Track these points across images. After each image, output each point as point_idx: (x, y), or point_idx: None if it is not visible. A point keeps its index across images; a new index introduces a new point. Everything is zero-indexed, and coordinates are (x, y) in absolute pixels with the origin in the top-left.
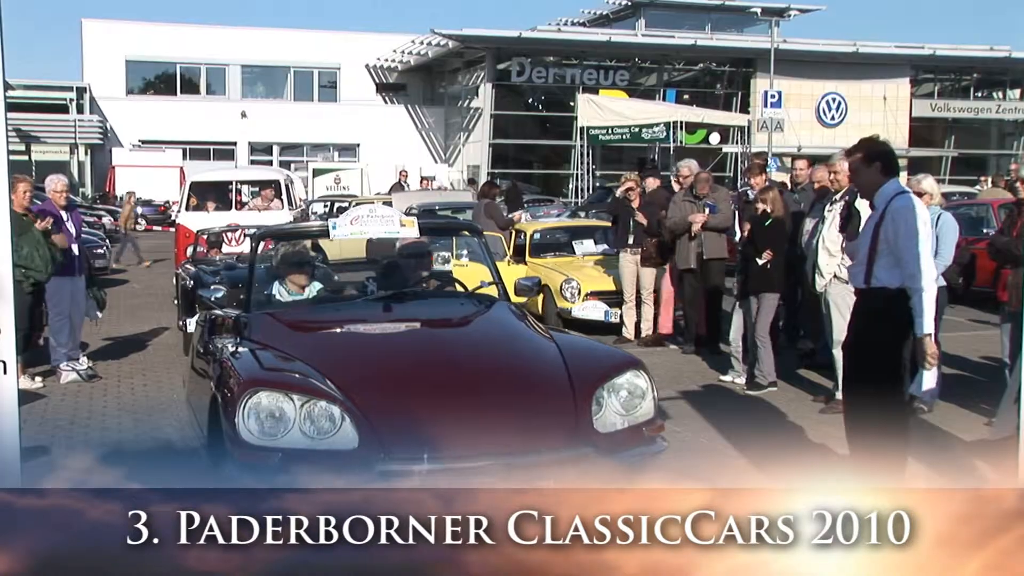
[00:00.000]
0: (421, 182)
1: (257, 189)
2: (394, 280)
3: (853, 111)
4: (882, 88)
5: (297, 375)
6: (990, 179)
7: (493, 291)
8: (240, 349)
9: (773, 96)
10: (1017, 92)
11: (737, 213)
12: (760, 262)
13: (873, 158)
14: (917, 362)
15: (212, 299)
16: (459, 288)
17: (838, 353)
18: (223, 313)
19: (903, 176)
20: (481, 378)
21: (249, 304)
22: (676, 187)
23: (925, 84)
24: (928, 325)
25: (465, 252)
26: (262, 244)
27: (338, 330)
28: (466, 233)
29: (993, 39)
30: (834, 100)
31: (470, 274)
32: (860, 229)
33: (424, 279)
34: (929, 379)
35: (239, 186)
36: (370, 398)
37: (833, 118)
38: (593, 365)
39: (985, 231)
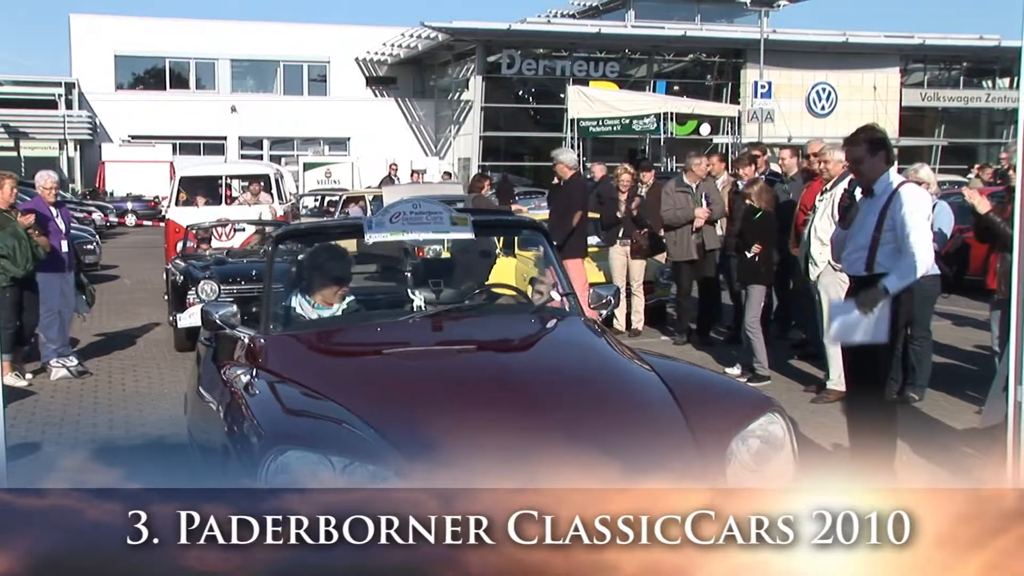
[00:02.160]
0: (412, 175)
1: (247, 184)
2: (441, 289)
3: (843, 101)
4: (872, 78)
5: (334, 424)
6: (978, 169)
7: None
8: (257, 384)
9: (763, 86)
10: (1006, 81)
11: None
12: (748, 255)
13: (877, 147)
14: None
15: (219, 316)
16: (515, 297)
17: (829, 342)
18: (234, 334)
19: (894, 166)
20: (574, 429)
21: (267, 322)
22: (688, 181)
23: (915, 73)
24: (897, 287)
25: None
26: (281, 245)
27: (380, 358)
28: (528, 231)
29: (982, 28)
30: (824, 90)
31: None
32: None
33: (475, 286)
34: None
35: (229, 181)
36: (431, 456)
37: (823, 108)
38: (716, 407)
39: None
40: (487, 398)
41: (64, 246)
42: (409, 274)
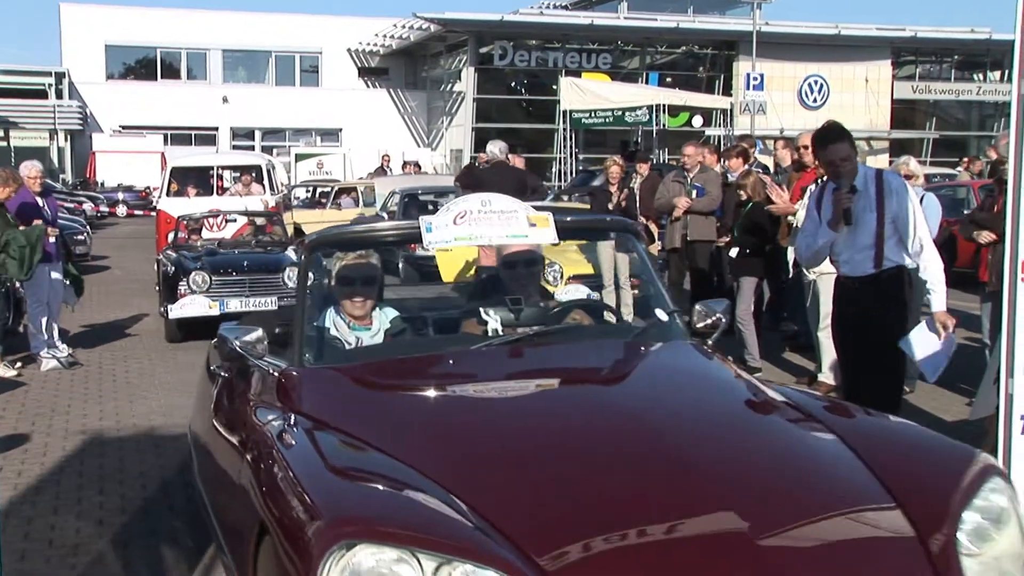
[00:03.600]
0: (404, 167)
1: (238, 174)
2: (522, 308)
3: (835, 93)
4: (864, 70)
5: (417, 501)
6: (967, 162)
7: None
8: (297, 436)
9: (755, 78)
10: (997, 74)
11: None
12: (731, 253)
13: (852, 143)
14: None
15: (240, 343)
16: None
17: (823, 336)
18: (261, 366)
19: (885, 158)
20: (733, 503)
21: (301, 350)
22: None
23: (906, 66)
24: (944, 298)
25: None
26: (318, 255)
27: (465, 403)
28: (617, 233)
29: (974, 21)
30: (816, 82)
31: (452, 260)
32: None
33: (553, 304)
34: (943, 354)
35: (220, 171)
36: (566, 554)
37: (815, 100)
38: (928, 481)
39: (965, 212)
40: (635, 467)
41: (52, 236)
42: (462, 292)
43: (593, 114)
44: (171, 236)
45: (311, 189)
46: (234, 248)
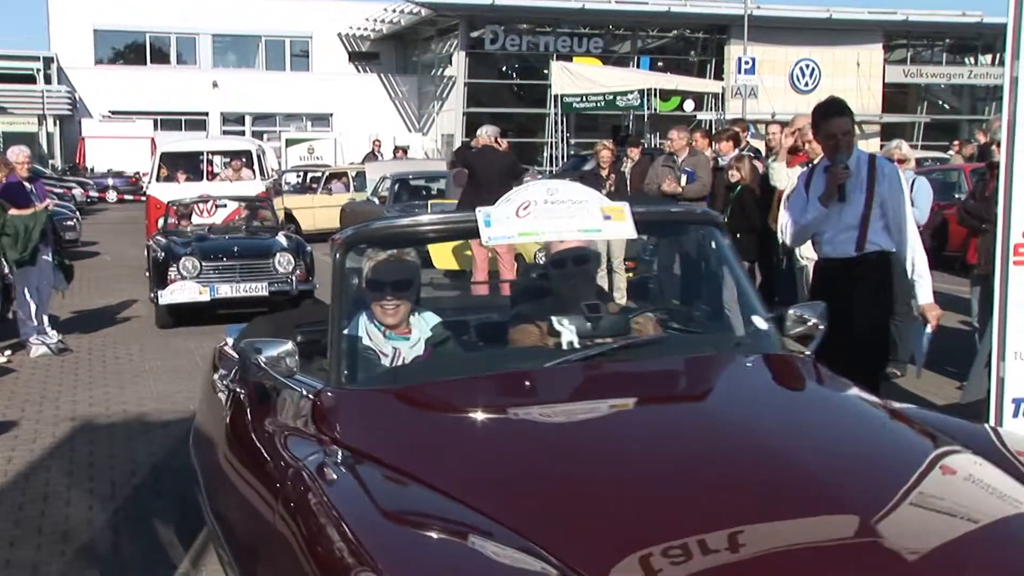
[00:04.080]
0: (395, 152)
1: (228, 159)
2: (600, 315)
3: (827, 77)
4: (855, 54)
5: (489, 556)
6: (958, 145)
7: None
8: (342, 474)
9: (747, 62)
10: (988, 57)
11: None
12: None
13: (853, 120)
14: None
15: (266, 359)
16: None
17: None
18: (288, 384)
19: (877, 142)
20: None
21: (340, 368)
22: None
23: (898, 50)
24: (930, 289)
25: None
26: (351, 253)
27: (537, 430)
28: (700, 226)
29: (965, 4)
30: (808, 66)
31: (444, 246)
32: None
33: (619, 309)
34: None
35: (210, 156)
36: None
37: (807, 84)
38: None
39: (956, 196)
40: (790, 520)
41: None
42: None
43: (584, 98)
44: (161, 222)
45: (302, 174)
46: (224, 234)
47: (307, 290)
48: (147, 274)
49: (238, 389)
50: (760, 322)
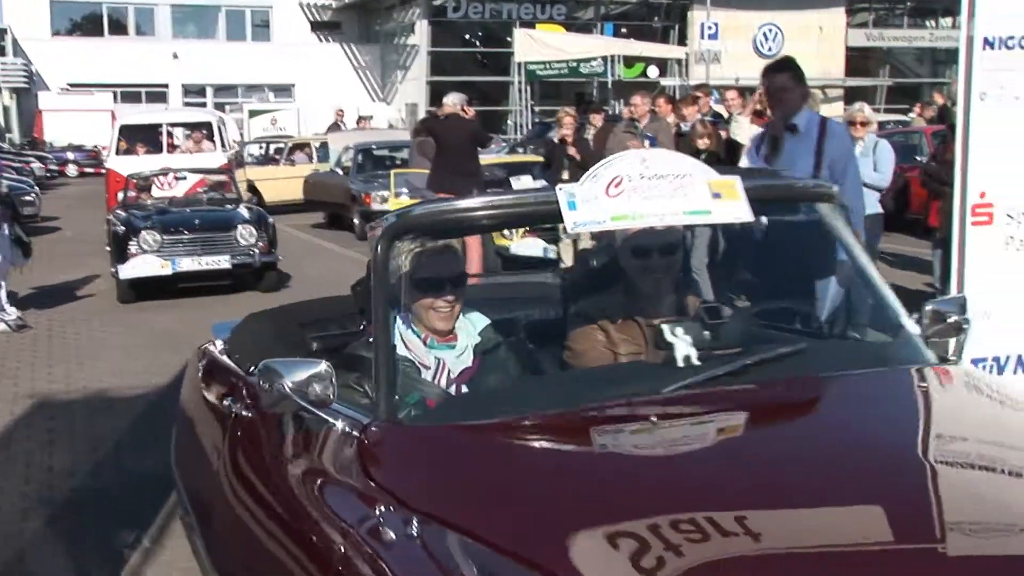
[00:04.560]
0: (358, 122)
1: (189, 132)
2: (722, 321)
3: (790, 41)
4: (818, 18)
5: None
6: (920, 108)
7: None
8: (406, 540)
9: (710, 28)
10: (949, 20)
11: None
12: None
13: (800, 79)
14: None
15: (292, 386)
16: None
17: None
18: (321, 416)
19: (840, 106)
20: None
21: (390, 398)
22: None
23: (860, 13)
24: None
25: (405, 189)
26: (395, 244)
27: (667, 481)
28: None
29: None
30: (771, 31)
31: None
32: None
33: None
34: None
35: (170, 129)
36: None
37: (770, 49)
38: None
39: (917, 158)
40: None
41: None
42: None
43: (548, 66)
44: (121, 195)
45: (265, 146)
46: (185, 206)
47: (269, 262)
48: (107, 248)
49: (245, 414)
50: (912, 325)
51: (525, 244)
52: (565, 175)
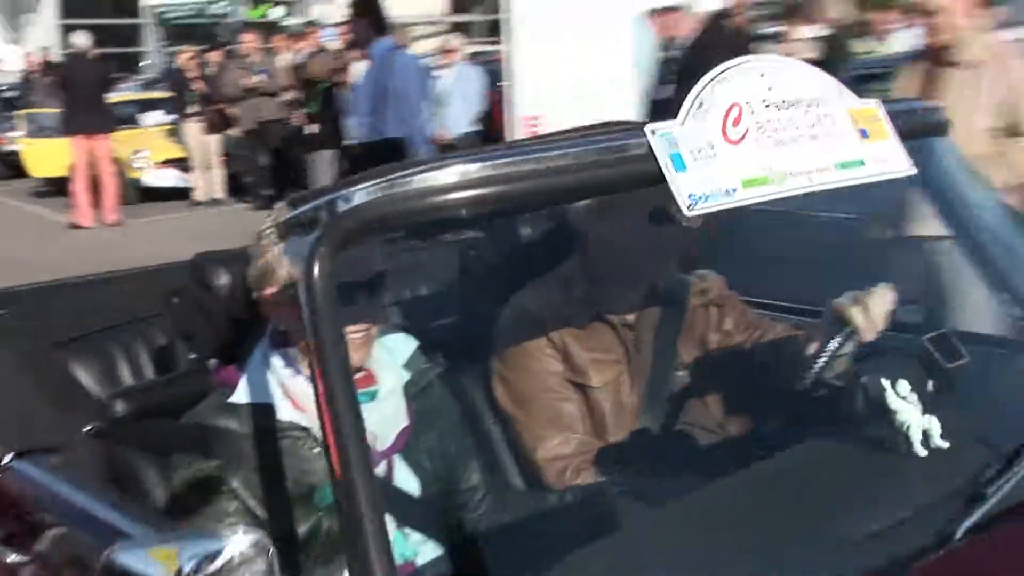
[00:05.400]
0: None
1: None
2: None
3: None
4: None
5: None
6: None
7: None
8: None
9: None
10: None
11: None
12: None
13: (363, 10)
14: None
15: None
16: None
17: None
18: None
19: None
20: None
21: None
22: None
23: None
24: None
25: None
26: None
27: None
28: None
29: None
30: None
31: (43, 154)
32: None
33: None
34: None
35: None
36: None
37: None
38: None
39: (498, 84)
40: None
41: None
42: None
43: (176, 8)
44: None
45: None
46: None
47: None
48: None
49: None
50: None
51: (159, 175)
52: (190, 108)
